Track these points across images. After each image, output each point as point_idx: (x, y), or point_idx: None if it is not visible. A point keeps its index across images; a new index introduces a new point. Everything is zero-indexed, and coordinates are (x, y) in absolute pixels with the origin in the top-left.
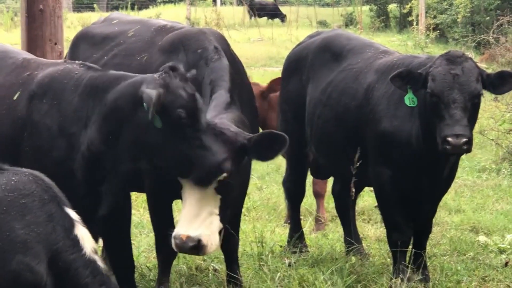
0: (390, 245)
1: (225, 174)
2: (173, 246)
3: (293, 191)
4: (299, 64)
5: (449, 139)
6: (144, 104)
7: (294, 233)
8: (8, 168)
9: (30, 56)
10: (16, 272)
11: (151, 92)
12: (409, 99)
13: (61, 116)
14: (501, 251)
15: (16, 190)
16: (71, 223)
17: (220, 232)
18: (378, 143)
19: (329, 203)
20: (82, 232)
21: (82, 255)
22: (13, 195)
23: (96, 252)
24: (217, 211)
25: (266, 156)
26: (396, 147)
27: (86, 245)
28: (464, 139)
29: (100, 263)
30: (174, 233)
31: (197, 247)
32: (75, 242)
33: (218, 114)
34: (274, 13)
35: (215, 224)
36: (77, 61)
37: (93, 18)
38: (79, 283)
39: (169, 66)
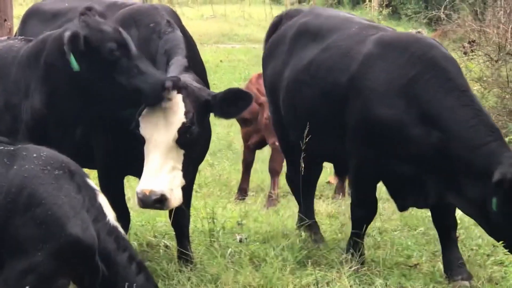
0: (354, 221)
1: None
2: (136, 202)
3: (297, 185)
4: (276, 50)
5: None
6: (65, 48)
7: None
8: (21, 144)
9: None
10: (74, 235)
11: (66, 33)
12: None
13: (4, 90)
14: None
15: (48, 164)
16: (93, 192)
17: (182, 188)
18: (368, 124)
19: (281, 179)
20: (103, 201)
21: (107, 222)
22: (47, 169)
23: (116, 219)
24: (180, 166)
25: (229, 113)
26: (388, 133)
27: (108, 212)
28: None
29: (121, 229)
30: (137, 189)
31: (161, 201)
32: (100, 211)
33: (179, 74)
34: None
35: (178, 179)
36: (19, 37)
37: None
38: (107, 250)
39: (84, 7)
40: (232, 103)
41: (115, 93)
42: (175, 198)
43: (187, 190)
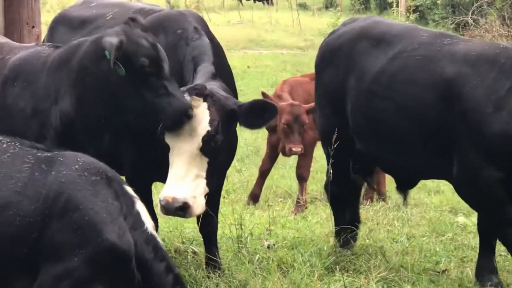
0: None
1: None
2: (159, 208)
3: (339, 194)
4: (334, 56)
5: None
6: (106, 52)
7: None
8: (54, 150)
9: (3, 40)
10: (110, 241)
11: (111, 39)
12: None
13: (32, 96)
14: None
15: (86, 170)
16: (131, 200)
17: (205, 196)
18: (480, 146)
19: (308, 185)
20: (141, 209)
21: (144, 230)
22: (84, 175)
23: (154, 229)
24: (204, 174)
25: (255, 124)
26: (503, 149)
27: (146, 221)
28: None
29: (159, 239)
30: (160, 195)
31: (183, 209)
32: (137, 218)
33: (206, 82)
34: None
35: (201, 187)
36: (47, 43)
37: (72, 2)
38: (143, 259)
39: (129, 17)
40: (258, 114)
41: (139, 108)
42: (198, 206)
43: (215, 197)
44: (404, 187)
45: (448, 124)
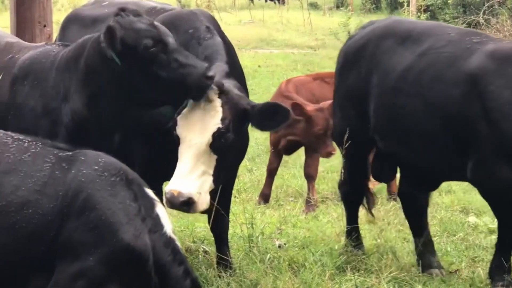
0: None
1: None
2: (164, 201)
3: (352, 195)
4: (357, 57)
5: None
6: (103, 45)
7: (351, 236)
8: (75, 149)
9: (14, 39)
10: (125, 241)
11: (104, 32)
12: None
13: (41, 95)
14: (491, 231)
15: (106, 170)
16: (151, 202)
17: (214, 194)
18: (506, 147)
19: (319, 184)
20: (161, 212)
21: (163, 233)
22: (104, 175)
23: (174, 232)
24: (211, 171)
25: (266, 125)
26: None
27: (165, 224)
28: None
29: (178, 242)
30: (165, 188)
31: (187, 204)
32: (157, 221)
33: (220, 80)
34: None
35: (208, 184)
36: (57, 42)
37: (84, 0)
38: (161, 262)
39: (117, 8)
40: (270, 116)
41: (159, 90)
42: (203, 203)
43: (226, 196)
44: (426, 188)
45: (471, 122)
